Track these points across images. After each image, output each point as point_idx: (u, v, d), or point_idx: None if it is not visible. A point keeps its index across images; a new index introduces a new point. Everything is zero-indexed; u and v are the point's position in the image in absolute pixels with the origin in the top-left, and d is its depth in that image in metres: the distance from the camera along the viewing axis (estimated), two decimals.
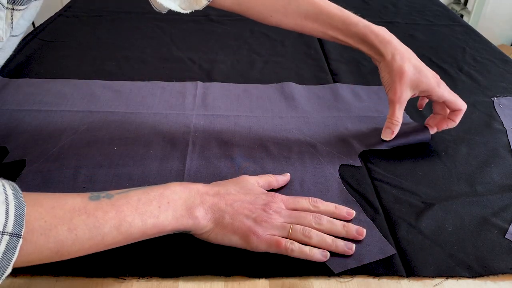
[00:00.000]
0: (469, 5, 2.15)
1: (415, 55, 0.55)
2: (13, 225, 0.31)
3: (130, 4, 1.04)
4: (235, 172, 0.51)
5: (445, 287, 0.40)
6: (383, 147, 0.57)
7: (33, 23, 0.51)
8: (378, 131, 0.60)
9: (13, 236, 0.31)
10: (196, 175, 0.51)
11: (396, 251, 0.42)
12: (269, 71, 0.76)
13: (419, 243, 0.43)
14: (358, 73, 0.77)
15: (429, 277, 0.40)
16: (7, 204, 0.32)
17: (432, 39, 0.92)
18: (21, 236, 0.31)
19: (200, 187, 0.43)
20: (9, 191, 0.33)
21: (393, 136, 0.55)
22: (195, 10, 0.56)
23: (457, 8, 2.19)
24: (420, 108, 0.63)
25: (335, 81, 0.74)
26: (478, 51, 0.88)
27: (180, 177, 0.50)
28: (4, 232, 0.31)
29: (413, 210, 0.48)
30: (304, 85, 0.71)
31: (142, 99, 0.65)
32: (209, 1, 0.52)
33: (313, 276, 0.40)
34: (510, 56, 0.88)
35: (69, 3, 1.04)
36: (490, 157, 0.57)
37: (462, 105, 0.56)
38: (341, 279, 0.40)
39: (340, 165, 0.54)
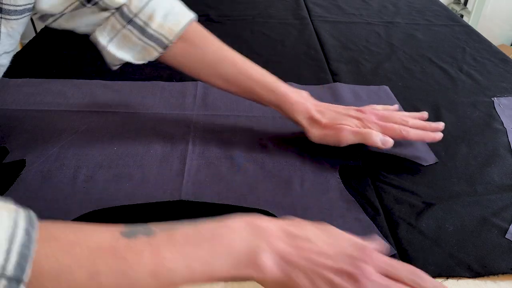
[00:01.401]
0: (469, 5, 2.15)
1: (328, 109, 0.54)
2: (14, 267, 0.25)
3: None
4: (235, 172, 0.51)
5: (445, 287, 0.40)
6: (383, 150, 0.57)
7: (33, 23, 0.51)
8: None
9: (12, 281, 0.25)
10: (196, 175, 0.51)
11: (396, 251, 0.42)
12: (269, 71, 0.76)
13: (419, 243, 0.43)
14: (358, 73, 0.77)
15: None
16: (11, 241, 0.26)
17: (432, 39, 0.92)
18: (22, 281, 0.25)
19: (270, 225, 0.34)
20: (21, 224, 0.27)
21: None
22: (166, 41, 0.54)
23: (457, 8, 2.19)
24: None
25: (335, 81, 0.74)
26: (478, 51, 0.88)
27: (180, 177, 0.50)
28: (3, 275, 0.25)
29: (413, 210, 0.48)
30: (304, 85, 0.71)
31: (142, 99, 0.65)
32: (160, 54, 0.53)
33: None
34: (510, 56, 0.88)
35: None
36: (490, 157, 0.57)
37: (401, 133, 0.53)
38: None
39: (340, 165, 0.54)
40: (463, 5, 2.19)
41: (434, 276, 0.40)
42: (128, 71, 0.74)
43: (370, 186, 0.51)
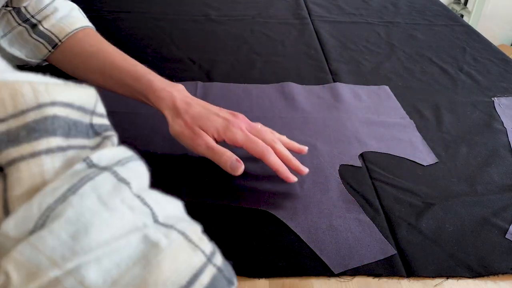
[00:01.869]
0: (469, 5, 2.15)
1: (198, 103, 0.50)
2: (224, 266, 0.25)
3: (130, 4, 1.04)
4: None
5: (445, 287, 0.40)
6: (383, 150, 0.57)
7: (58, 18, 0.54)
8: (378, 131, 0.60)
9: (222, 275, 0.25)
10: (196, 175, 0.51)
11: (396, 251, 0.42)
12: (269, 71, 0.76)
13: (419, 243, 0.43)
14: (358, 73, 0.77)
15: (429, 277, 0.40)
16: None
17: (432, 39, 0.92)
18: (234, 284, 0.25)
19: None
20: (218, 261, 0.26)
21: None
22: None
23: (457, 8, 2.19)
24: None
25: (335, 81, 0.74)
26: (478, 51, 0.88)
27: (180, 177, 0.50)
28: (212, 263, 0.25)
29: (413, 210, 0.48)
30: (304, 85, 0.71)
31: None
32: (49, 52, 0.53)
33: (313, 276, 0.40)
34: (510, 56, 0.88)
35: None
36: (490, 157, 0.57)
37: (261, 152, 0.47)
38: (341, 279, 0.40)
39: (340, 165, 0.54)
40: (463, 5, 2.19)
41: (434, 276, 0.40)
42: None
43: (370, 186, 0.51)
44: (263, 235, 0.43)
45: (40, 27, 0.53)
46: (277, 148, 0.48)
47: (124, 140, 0.57)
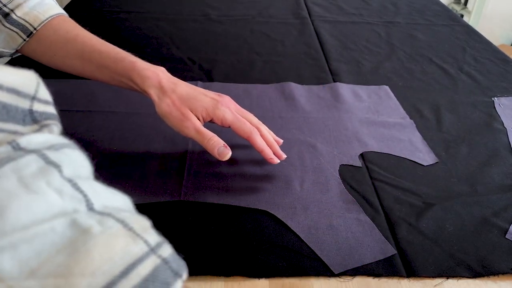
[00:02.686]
0: (469, 5, 2.15)
1: (184, 83, 0.50)
2: (172, 258, 0.23)
3: (130, 4, 1.04)
4: (235, 172, 0.51)
5: (445, 287, 0.40)
6: (383, 150, 0.57)
7: (31, 7, 0.53)
8: (378, 131, 0.60)
9: (167, 266, 0.22)
10: (196, 175, 0.51)
11: (396, 251, 0.42)
12: (269, 71, 0.76)
13: (419, 243, 0.43)
14: (358, 73, 0.77)
15: (430, 277, 0.40)
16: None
17: (432, 39, 0.92)
18: (181, 276, 0.23)
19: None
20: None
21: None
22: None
23: (457, 8, 2.19)
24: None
25: (335, 81, 0.74)
26: (479, 51, 0.88)
27: (180, 177, 0.50)
28: (155, 253, 0.22)
29: (413, 210, 0.48)
30: (304, 85, 0.71)
31: (142, 99, 0.65)
32: (24, 40, 0.52)
33: (313, 276, 0.40)
34: (510, 56, 0.88)
35: (69, 3, 1.04)
36: (490, 157, 0.57)
37: (249, 132, 0.48)
38: (341, 279, 0.40)
39: (340, 165, 0.54)
40: (463, 5, 2.19)
41: (434, 276, 0.40)
42: None
43: (370, 186, 0.51)
44: (263, 235, 0.43)
45: (13, 16, 0.51)
46: (262, 131, 0.50)
47: (124, 140, 0.57)
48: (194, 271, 0.39)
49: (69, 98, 0.64)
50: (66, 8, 1.01)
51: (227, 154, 0.47)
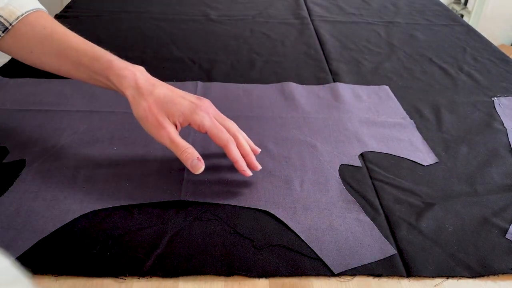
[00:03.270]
0: (469, 5, 2.15)
1: (162, 84, 0.48)
2: None
3: (130, 4, 1.04)
4: (235, 172, 0.51)
5: (445, 287, 0.40)
6: (383, 150, 0.57)
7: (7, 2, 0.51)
8: (378, 131, 0.60)
9: None
10: (196, 175, 0.51)
11: (396, 251, 0.42)
12: (269, 71, 0.76)
13: (419, 243, 0.43)
14: (358, 73, 0.77)
15: (429, 277, 0.40)
16: None
17: (432, 39, 0.92)
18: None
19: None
20: None
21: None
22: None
23: (457, 8, 2.19)
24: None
25: (335, 81, 0.74)
26: (479, 51, 0.88)
27: (180, 177, 0.50)
28: None
29: (413, 210, 0.48)
30: (304, 85, 0.71)
31: None
32: (0, 36, 0.50)
33: (313, 276, 0.40)
34: (510, 56, 0.88)
35: (69, 3, 1.04)
36: (490, 157, 0.57)
37: (225, 141, 0.47)
38: (341, 279, 0.40)
39: (340, 165, 0.54)
40: (463, 5, 2.19)
41: (434, 276, 0.40)
42: None
43: (370, 186, 0.51)
44: (263, 235, 0.43)
45: None
46: (239, 140, 0.48)
47: (124, 140, 0.57)
48: (194, 271, 0.39)
49: (69, 98, 0.64)
50: (66, 8, 1.01)
51: (200, 168, 0.46)
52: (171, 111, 0.46)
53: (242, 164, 0.48)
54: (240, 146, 0.48)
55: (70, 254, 0.40)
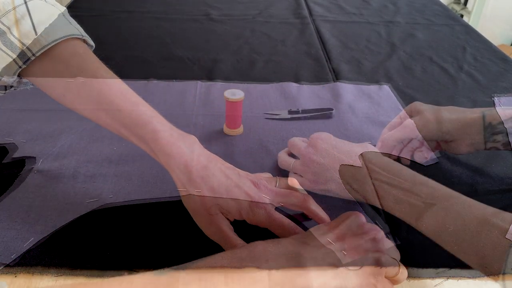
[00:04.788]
0: (469, 5, 2.15)
1: (215, 166, 0.42)
2: None
3: (131, 4, 1.04)
4: None
5: (446, 287, 0.40)
6: (383, 150, 0.57)
7: (33, 25, 0.41)
8: (379, 130, 0.60)
9: None
10: None
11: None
12: (270, 71, 0.76)
13: (419, 243, 0.43)
14: (358, 72, 0.77)
15: (430, 277, 0.40)
16: None
17: (432, 39, 0.92)
18: None
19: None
20: None
21: None
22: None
23: (457, 8, 2.18)
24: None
25: (335, 81, 0.73)
26: (479, 51, 0.88)
27: None
28: None
29: (413, 210, 0.47)
30: (304, 85, 0.71)
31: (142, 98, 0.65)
32: (19, 68, 0.42)
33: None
34: (510, 56, 0.88)
35: (69, 3, 1.04)
36: (490, 157, 0.57)
37: (287, 232, 0.42)
38: None
39: (340, 165, 0.53)
40: (463, 5, 2.19)
41: (434, 276, 0.40)
42: (128, 71, 0.74)
43: (370, 186, 0.51)
44: (263, 235, 0.43)
45: (9, 36, 0.40)
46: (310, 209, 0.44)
47: (124, 140, 0.57)
48: (195, 265, 0.39)
49: None
50: (67, 8, 1.01)
51: None
52: (226, 207, 0.41)
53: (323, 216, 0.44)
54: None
55: (70, 254, 0.40)
